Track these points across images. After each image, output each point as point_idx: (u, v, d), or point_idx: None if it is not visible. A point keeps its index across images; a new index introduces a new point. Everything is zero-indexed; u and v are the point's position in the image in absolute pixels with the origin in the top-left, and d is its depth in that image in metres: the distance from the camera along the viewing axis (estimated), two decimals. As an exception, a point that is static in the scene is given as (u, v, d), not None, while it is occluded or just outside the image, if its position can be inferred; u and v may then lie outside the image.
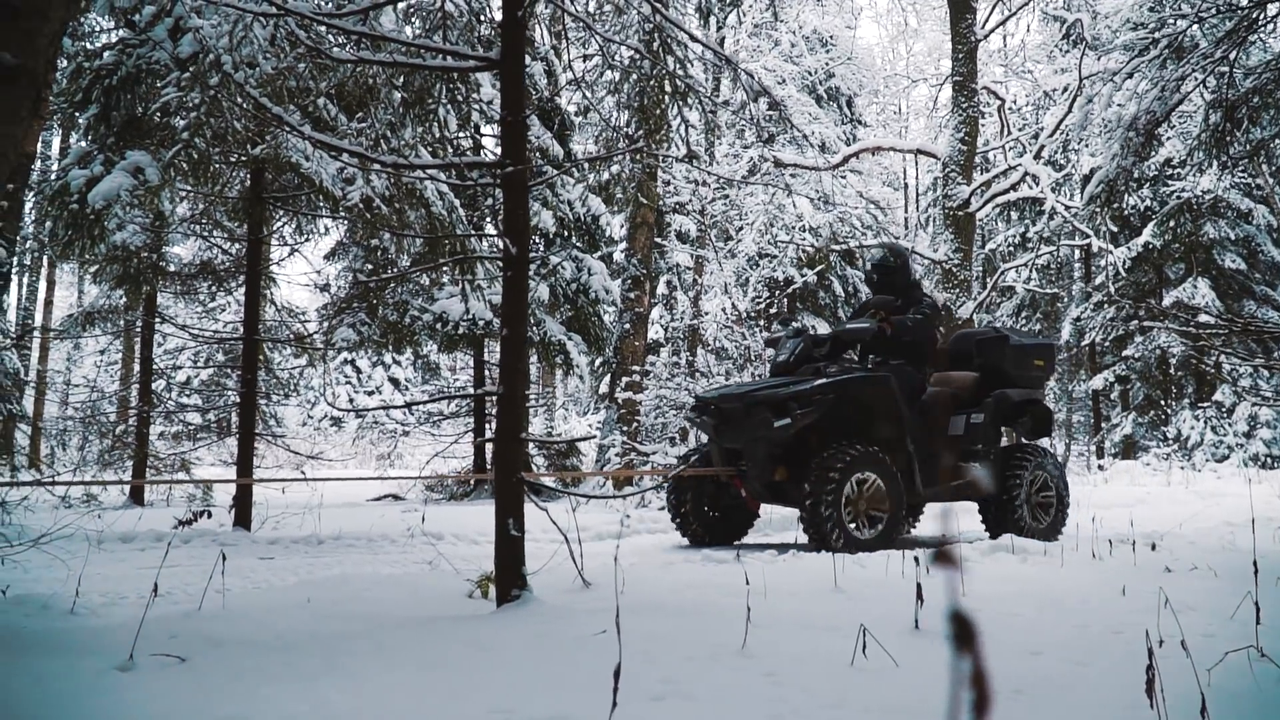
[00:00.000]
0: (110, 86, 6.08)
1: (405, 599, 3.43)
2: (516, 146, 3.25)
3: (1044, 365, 7.26)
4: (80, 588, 3.51)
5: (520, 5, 3.29)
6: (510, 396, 3.15)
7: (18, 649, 2.54)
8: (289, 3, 3.67)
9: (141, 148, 5.96)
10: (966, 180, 15.54)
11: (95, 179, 5.86)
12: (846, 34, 26.72)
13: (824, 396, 6.16)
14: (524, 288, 3.21)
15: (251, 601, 3.39)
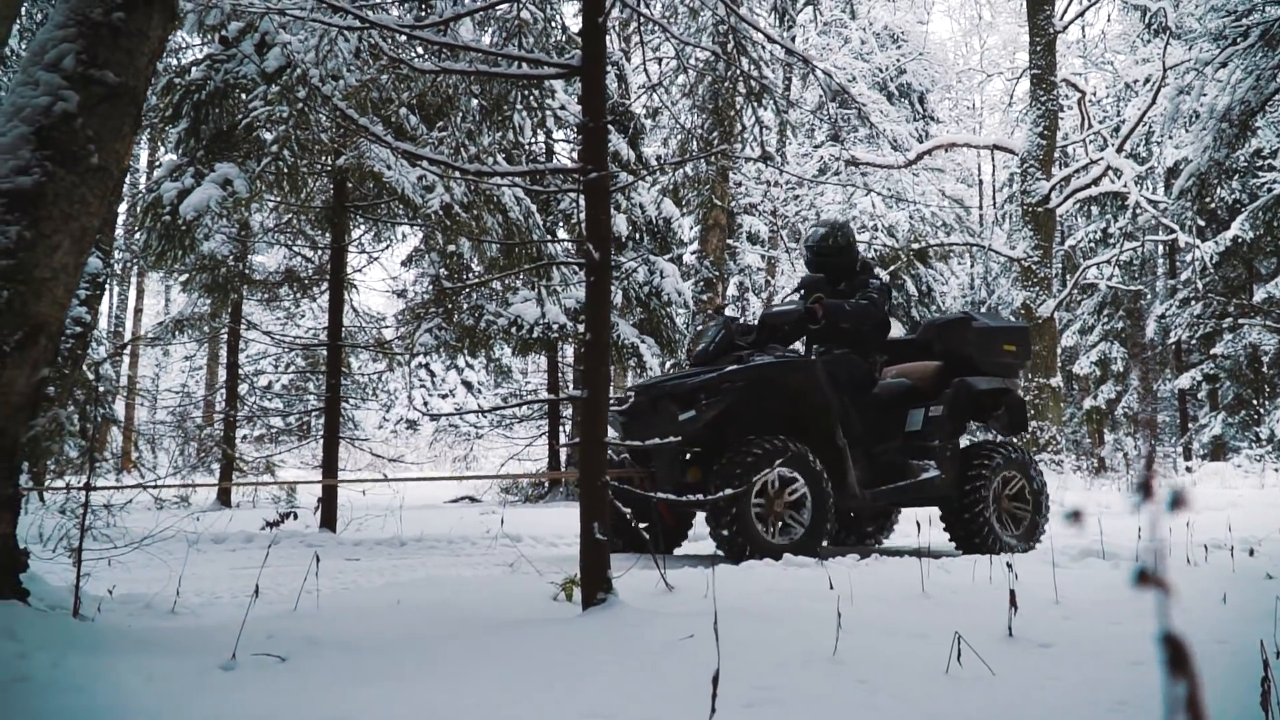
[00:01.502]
0: (199, 101, 6.29)
1: (491, 601, 3.47)
2: (598, 152, 3.26)
3: (1016, 351, 6.48)
4: (179, 588, 3.62)
5: (601, 11, 3.31)
6: (594, 401, 3.17)
7: (126, 647, 2.63)
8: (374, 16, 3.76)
9: (230, 160, 6.15)
10: (1046, 175, 15.19)
11: (186, 191, 6.07)
12: (918, 29, 26.33)
13: (732, 385, 5.50)
14: (607, 293, 3.23)
15: (344, 602, 3.47)
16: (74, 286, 2.98)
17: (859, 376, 6.08)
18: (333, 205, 7.07)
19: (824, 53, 20.85)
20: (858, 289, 6.26)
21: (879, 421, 6.06)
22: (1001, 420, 6.53)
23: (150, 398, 14.09)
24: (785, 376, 5.68)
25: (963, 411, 6.28)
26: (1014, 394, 6.49)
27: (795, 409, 5.66)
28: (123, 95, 3.05)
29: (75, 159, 2.93)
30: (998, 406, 6.45)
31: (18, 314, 2.80)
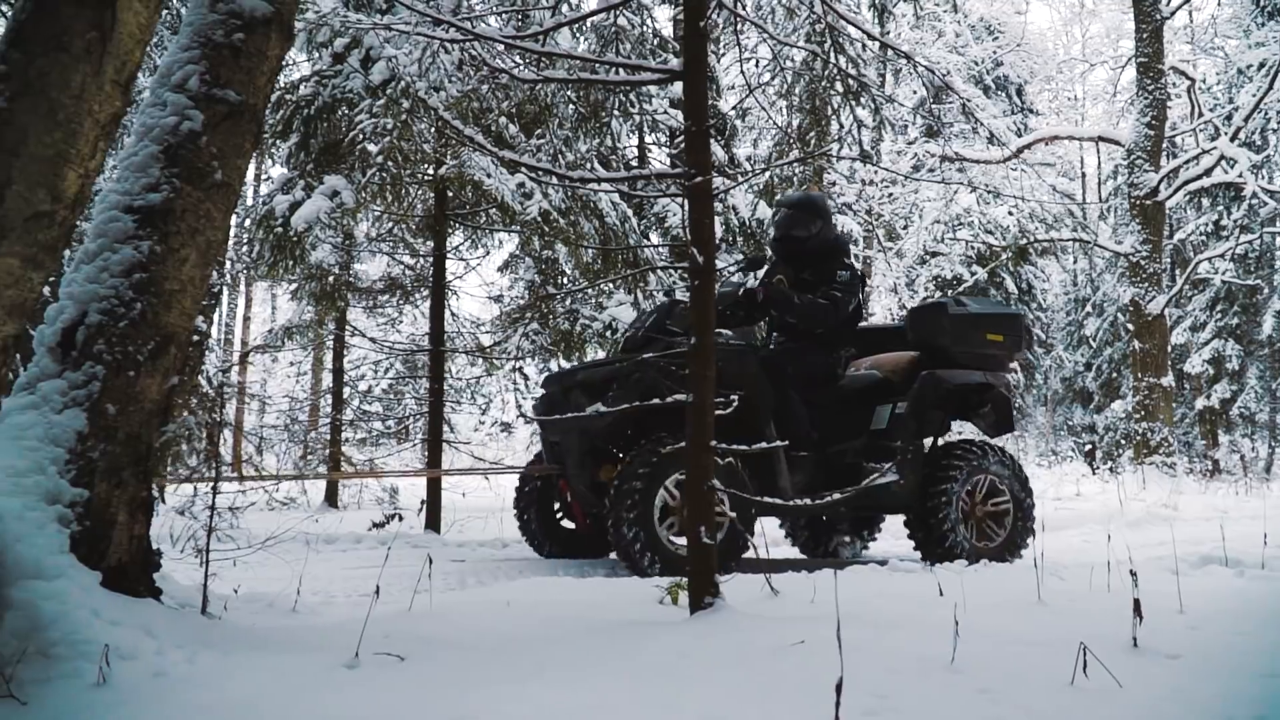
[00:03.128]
0: (309, 116, 6.52)
1: (598, 603, 3.50)
2: (701, 156, 3.27)
3: (1004, 341, 5.72)
4: (298, 587, 3.75)
5: (702, 15, 3.31)
6: (700, 405, 3.17)
7: (254, 644, 2.73)
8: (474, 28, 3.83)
9: (337, 172, 6.36)
10: (1154, 167, 14.63)
11: (297, 203, 6.30)
12: (1015, 20, 25.62)
13: (643, 375, 4.98)
14: (711, 297, 3.23)
15: (454, 603, 3.54)
16: (200, 298, 3.12)
17: (814, 369, 5.48)
18: (433, 214, 7.25)
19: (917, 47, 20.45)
20: (823, 279, 5.54)
21: (839, 419, 5.44)
22: (987, 419, 5.86)
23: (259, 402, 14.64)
24: None
25: (928, 408, 5.59)
26: (997, 389, 5.78)
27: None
28: (244, 113, 3.17)
29: (201, 175, 3.06)
30: (982, 403, 5.80)
31: (150, 325, 2.93)
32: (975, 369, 5.70)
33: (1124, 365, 22.63)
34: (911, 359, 5.75)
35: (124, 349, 2.88)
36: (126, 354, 2.88)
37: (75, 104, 2.25)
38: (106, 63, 2.30)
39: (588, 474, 5.21)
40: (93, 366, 2.85)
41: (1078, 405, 25.96)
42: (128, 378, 2.88)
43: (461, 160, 6.13)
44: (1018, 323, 5.90)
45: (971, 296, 6.19)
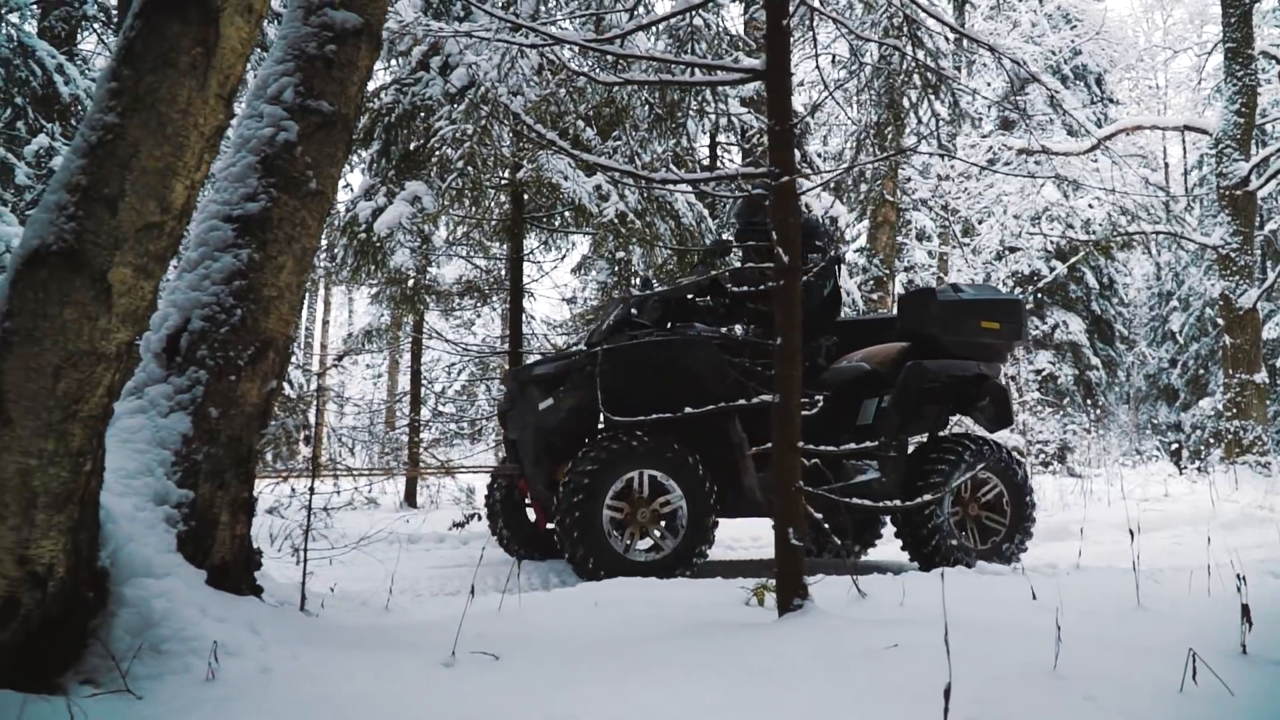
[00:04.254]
0: (389, 124, 6.65)
1: (684, 603, 3.50)
2: (785, 156, 3.25)
3: (1001, 329, 5.37)
4: (390, 586, 3.82)
5: (785, 13, 3.29)
6: (786, 405, 3.15)
7: (352, 643, 2.79)
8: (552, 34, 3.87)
9: (417, 178, 6.47)
10: (1244, 156, 14.10)
11: (379, 210, 6.43)
12: (1095, 7, 24.93)
13: (595, 369, 4.75)
14: (797, 297, 3.20)
15: (544, 602, 3.57)
16: (297, 304, 3.20)
17: None
18: (510, 217, 7.34)
19: (991, 37, 20.06)
20: None
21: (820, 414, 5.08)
22: (986, 413, 5.56)
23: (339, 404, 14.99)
24: (665, 359, 4.83)
25: (913, 402, 5.28)
26: (993, 382, 5.44)
27: (680, 398, 4.69)
28: (336, 123, 3.25)
29: (296, 185, 3.14)
30: (979, 396, 5.47)
31: (250, 331, 3.02)
32: (970, 359, 5.37)
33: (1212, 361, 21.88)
34: (901, 350, 5.45)
35: (225, 354, 2.97)
36: (228, 359, 2.97)
37: (182, 118, 2.33)
38: (211, 77, 2.37)
39: (544, 472, 5.03)
40: (196, 371, 2.95)
41: (1162, 403, 25.17)
42: (229, 382, 2.97)
43: (539, 164, 6.20)
44: (1015, 310, 5.51)
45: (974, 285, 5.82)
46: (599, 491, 4.59)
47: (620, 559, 4.61)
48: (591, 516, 4.57)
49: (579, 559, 4.56)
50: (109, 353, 2.32)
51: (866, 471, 5.21)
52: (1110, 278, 21.47)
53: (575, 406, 4.85)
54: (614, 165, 3.36)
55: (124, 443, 2.82)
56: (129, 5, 7.06)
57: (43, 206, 2.29)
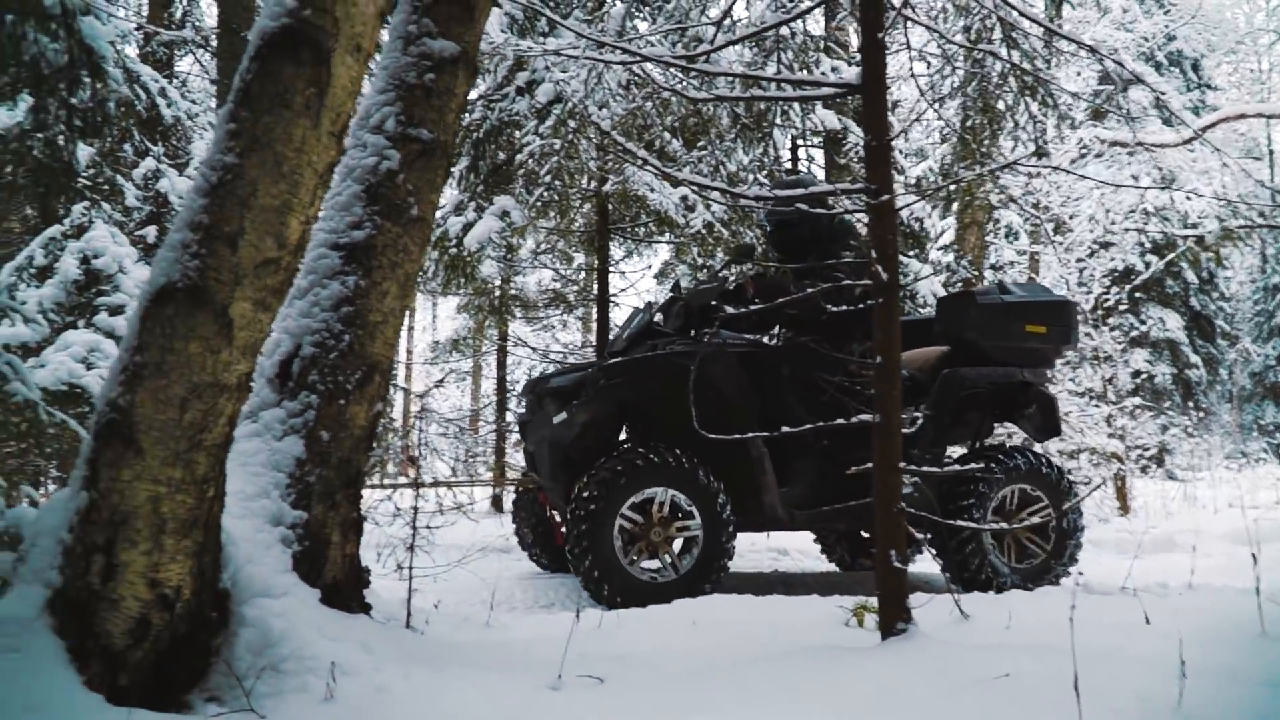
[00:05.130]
0: (478, 139, 6.77)
1: (783, 624, 3.48)
2: (882, 171, 3.21)
3: (1048, 333, 5.04)
4: (483, 597, 3.88)
5: (881, 26, 3.25)
6: (886, 425, 3.11)
7: (461, 661, 2.85)
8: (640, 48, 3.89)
9: (506, 192, 6.57)
10: (1357, 144, 13.42)
11: (469, 225, 6.55)
12: (1191, -8, 24.02)
13: (608, 382, 4.63)
14: (896, 314, 3.16)
15: (642, 620, 3.59)
16: (400, 327, 3.27)
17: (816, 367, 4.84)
18: (595, 228, 7.40)
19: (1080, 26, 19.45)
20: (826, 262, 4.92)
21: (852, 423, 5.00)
22: (1034, 421, 5.21)
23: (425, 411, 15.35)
24: (679, 371, 4.58)
25: (949, 410, 4.99)
26: (1038, 389, 5.12)
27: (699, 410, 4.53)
28: (435, 150, 3.32)
29: (398, 212, 3.22)
30: (1025, 404, 5.14)
31: (357, 355, 3.11)
32: (1013, 364, 5.07)
33: (1323, 358, 20.87)
34: (940, 355, 5.18)
35: (335, 379, 3.06)
36: (337, 383, 3.06)
37: (297, 156, 2.41)
38: (323, 116, 2.44)
39: (561, 487, 4.87)
40: (308, 396, 3.04)
41: (1269, 402, 24.12)
42: (339, 406, 3.06)
43: (625, 176, 6.24)
44: (1065, 312, 5.14)
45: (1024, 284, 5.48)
46: (609, 510, 4.45)
47: (632, 580, 4.47)
48: (601, 536, 4.44)
49: (589, 579, 4.45)
50: (230, 384, 2.41)
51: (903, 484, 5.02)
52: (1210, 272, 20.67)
53: (589, 420, 4.70)
54: (703, 182, 3.37)
55: (242, 466, 2.92)
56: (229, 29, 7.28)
57: (168, 245, 2.39)
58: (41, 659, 2.25)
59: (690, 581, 4.52)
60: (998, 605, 3.67)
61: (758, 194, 3.27)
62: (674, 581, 4.52)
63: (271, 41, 2.41)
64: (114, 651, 2.33)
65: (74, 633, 2.30)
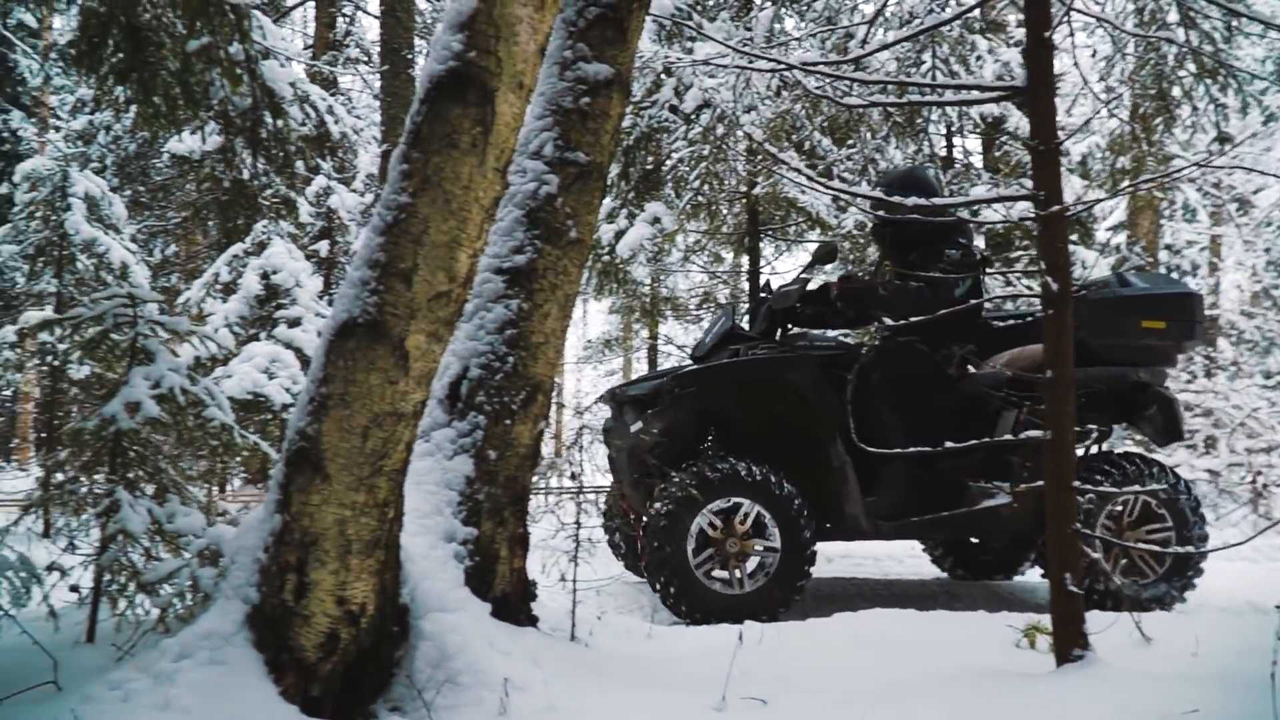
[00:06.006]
0: (628, 147, 6.86)
1: (949, 643, 3.39)
2: (1050, 176, 3.07)
3: (1166, 329, 4.64)
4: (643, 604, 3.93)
5: (1047, 25, 3.11)
6: (1059, 442, 2.99)
7: (625, 678, 2.91)
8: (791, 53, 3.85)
9: (656, 198, 6.64)
10: None
11: (621, 232, 6.66)
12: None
13: (681, 391, 4.49)
14: (1068, 326, 3.03)
15: (802, 635, 3.56)
16: (561, 347, 3.36)
17: (910, 371, 4.68)
18: (746, 229, 7.39)
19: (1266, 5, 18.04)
20: (930, 262, 4.71)
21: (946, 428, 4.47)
22: (1153, 424, 4.80)
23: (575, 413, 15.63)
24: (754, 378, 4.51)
25: None
26: (1155, 390, 4.73)
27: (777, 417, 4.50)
28: (592, 172, 3.39)
29: (558, 235, 3.31)
30: (1145, 405, 4.75)
31: (521, 376, 3.21)
32: (1128, 363, 4.69)
33: None
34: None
35: (501, 400, 3.17)
36: (503, 404, 3.17)
37: (465, 193, 2.50)
38: (488, 153, 2.53)
39: (642, 495, 4.76)
40: (476, 417, 3.17)
41: None
42: (505, 426, 3.17)
43: (775, 179, 6.20)
44: (1187, 305, 4.73)
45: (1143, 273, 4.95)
46: (684, 521, 4.34)
47: (706, 592, 4.36)
48: (676, 548, 4.32)
49: (663, 590, 4.36)
50: (407, 412, 2.53)
51: (996, 495, 4.67)
52: None
53: (664, 429, 4.56)
54: (854, 192, 3.30)
55: (417, 484, 3.07)
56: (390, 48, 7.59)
57: (349, 282, 2.53)
58: (243, 671, 2.43)
59: (767, 596, 4.40)
60: (1183, 628, 3.46)
61: (916, 203, 3.18)
62: (750, 596, 4.39)
63: (439, 84, 2.51)
64: (307, 664, 2.49)
65: (270, 646, 2.48)
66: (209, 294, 7.27)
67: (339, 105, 11.21)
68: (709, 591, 4.35)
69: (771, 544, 4.43)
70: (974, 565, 5.81)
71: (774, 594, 4.38)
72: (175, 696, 2.33)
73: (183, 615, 2.68)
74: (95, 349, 3.12)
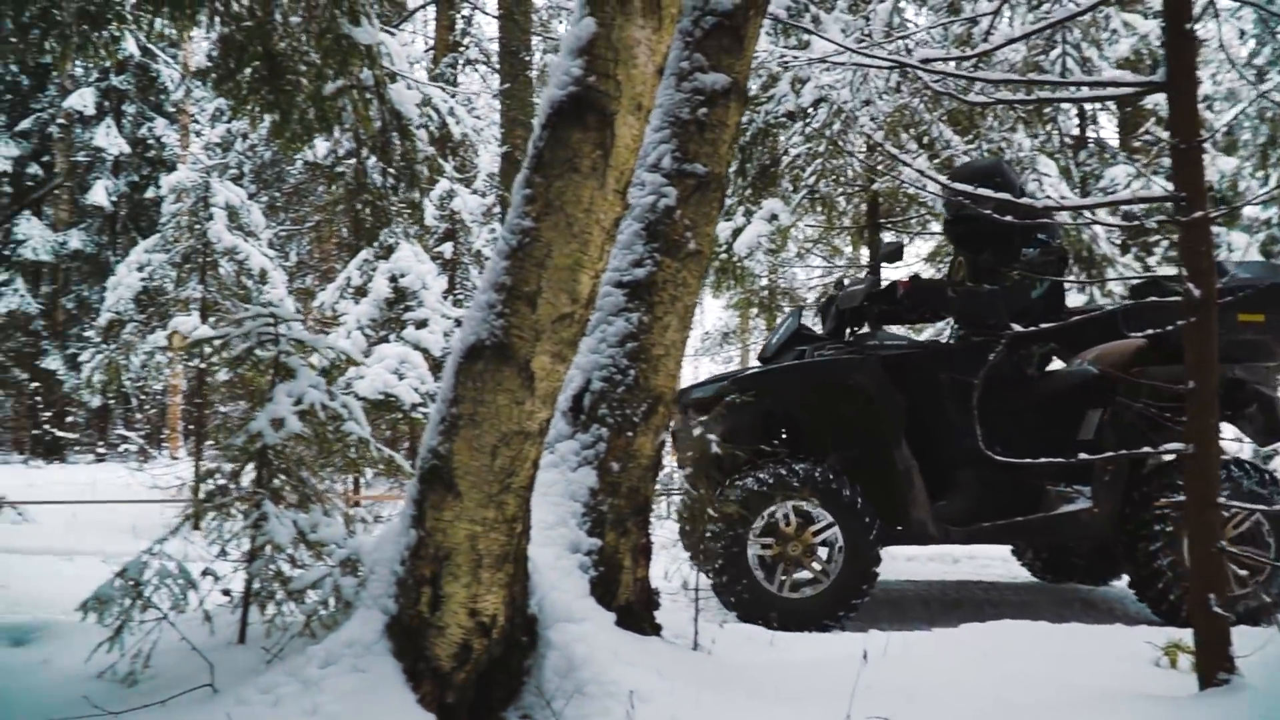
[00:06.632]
0: (744, 144, 6.83)
1: (1080, 656, 3.30)
2: (1192, 176, 2.93)
3: (1265, 321, 4.36)
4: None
5: (1189, 16, 2.96)
6: (1202, 456, 2.86)
7: (748, 689, 2.93)
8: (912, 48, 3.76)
9: (772, 194, 6.60)
10: None
11: (738, 230, 6.65)
12: None
13: (744, 393, 4.36)
14: (1211, 334, 2.89)
15: (928, 646, 3.51)
16: (681, 359, 3.39)
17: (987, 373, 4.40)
18: (865, 221, 7.27)
19: None
20: (1005, 261, 4.55)
21: (1025, 429, 4.45)
22: (1252, 422, 4.55)
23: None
24: (817, 380, 4.46)
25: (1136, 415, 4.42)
26: (1254, 386, 4.45)
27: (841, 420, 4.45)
28: (710, 183, 3.39)
29: (677, 247, 3.33)
30: (1244, 403, 4.48)
31: (642, 389, 3.25)
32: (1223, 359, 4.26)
33: None
34: (1136, 349, 4.59)
35: (623, 412, 3.22)
36: (625, 416, 3.22)
37: (586, 216, 2.55)
38: (609, 175, 2.57)
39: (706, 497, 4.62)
40: (598, 429, 3.23)
41: None
42: (627, 438, 3.22)
43: (895, 174, 6.07)
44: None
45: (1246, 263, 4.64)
46: (745, 525, 4.32)
47: (771, 597, 4.34)
48: (738, 552, 4.33)
49: (727, 596, 4.36)
50: (533, 431, 2.60)
51: (1075, 500, 4.51)
52: None
53: (728, 432, 4.40)
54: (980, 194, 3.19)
55: (542, 495, 3.14)
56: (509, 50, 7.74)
57: (476, 305, 2.61)
58: (384, 679, 2.55)
59: (829, 601, 4.36)
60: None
61: (1045, 205, 3.08)
62: (811, 600, 4.38)
63: (560, 110, 2.56)
64: (442, 673, 2.60)
65: (408, 655, 2.59)
66: (342, 296, 7.59)
67: (460, 106, 11.50)
68: (770, 594, 4.34)
69: (834, 548, 4.40)
70: (1063, 569, 5.61)
71: (836, 599, 4.36)
72: (322, 703, 2.46)
73: (326, 622, 2.82)
74: (241, 364, 3.30)
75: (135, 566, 2.89)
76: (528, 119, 8.79)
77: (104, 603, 2.83)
